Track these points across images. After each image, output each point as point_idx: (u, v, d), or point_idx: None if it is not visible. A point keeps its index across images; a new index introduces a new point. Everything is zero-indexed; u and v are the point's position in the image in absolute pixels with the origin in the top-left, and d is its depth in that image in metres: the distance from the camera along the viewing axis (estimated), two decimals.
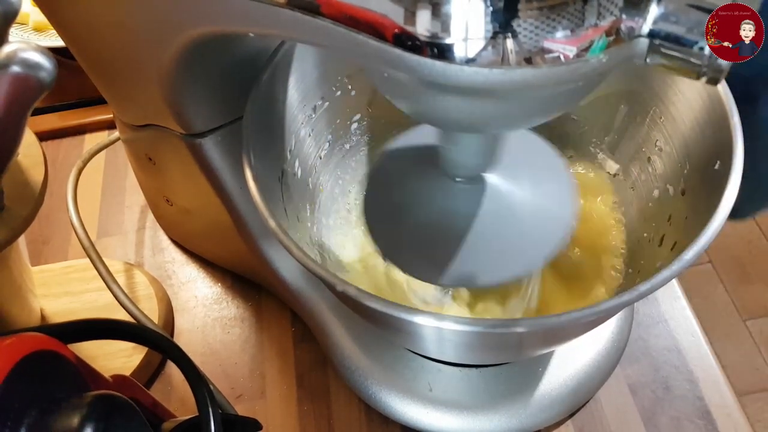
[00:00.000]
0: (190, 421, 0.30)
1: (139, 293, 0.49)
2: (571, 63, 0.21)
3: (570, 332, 0.34)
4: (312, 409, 0.45)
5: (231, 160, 0.40)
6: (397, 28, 0.21)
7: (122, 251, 0.54)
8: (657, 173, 0.40)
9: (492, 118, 0.28)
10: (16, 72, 0.28)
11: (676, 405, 0.43)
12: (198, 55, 0.32)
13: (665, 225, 0.38)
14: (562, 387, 0.41)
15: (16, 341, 0.23)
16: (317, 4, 0.22)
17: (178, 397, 0.46)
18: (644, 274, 0.37)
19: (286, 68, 0.38)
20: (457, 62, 0.21)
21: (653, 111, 0.39)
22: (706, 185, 0.33)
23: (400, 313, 0.27)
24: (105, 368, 0.29)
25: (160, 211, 0.53)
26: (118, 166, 0.60)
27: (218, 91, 0.37)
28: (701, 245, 0.28)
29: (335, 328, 0.44)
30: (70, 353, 0.26)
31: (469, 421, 0.41)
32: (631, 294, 0.27)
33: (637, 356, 0.45)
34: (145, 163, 0.46)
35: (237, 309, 0.50)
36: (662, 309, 0.47)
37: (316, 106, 0.42)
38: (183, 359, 0.29)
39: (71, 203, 0.47)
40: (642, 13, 0.22)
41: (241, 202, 0.42)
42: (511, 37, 0.20)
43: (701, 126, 0.35)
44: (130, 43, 0.33)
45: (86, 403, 0.24)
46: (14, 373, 0.22)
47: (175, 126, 0.38)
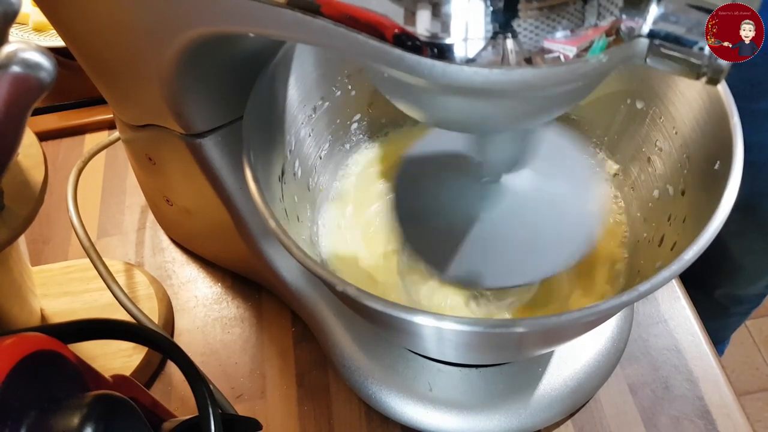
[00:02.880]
0: (190, 420, 0.30)
1: (139, 293, 0.49)
2: (571, 63, 0.21)
3: (570, 332, 0.34)
4: (312, 409, 0.45)
5: (231, 160, 0.40)
6: (397, 28, 0.21)
7: (122, 251, 0.54)
8: (657, 173, 0.40)
9: (492, 119, 0.28)
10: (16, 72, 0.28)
11: (676, 405, 0.43)
12: (198, 55, 0.32)
13: (665, 225, 0.38)
14: (562, 387, 0.41)
15: (16, 341, 0.23)
16: (317, 4, 0.22)
17: (178, 396, 0.46)
18: (644, 274, 0.37)
19: (286, 68, 0.38)
20: (457, 62, 0.21)
21: (653, 111, 0.39)
22: (706, 185, 0.33)
23: (400, 313, 0.27)
24: (105, 368, 0.29)
25: (160, 211, 0.53)
26: (118, 166, 0.60)
27: (218, 91, 0.37)
28: (701, 245, 0.28)
29: (335, 328, 0.44)
30: (70, 353, 0.26)
31: (469, 421, 0.41)
32: (630, 294, 0.27)
33: (637, 356, 0.45)
34: (145, 163, 0.46)
35: (237, 309, 0.50)
36: (662, 309, 0.47)
37: (316, 106, 0.42)
38: (183, 359, 0.29)
39: (71, 203, 0.47)
40: (642, 13, 0.22)
41: (241, 202, 0.42)
42: (511, 37, 0.20)
43: (701, 126, 0.35)
44: (130, 43, 0.33)
45: (86, 403, 0.24)
46: (14, 373, 0.22)
47: (175, 126, 0.38)
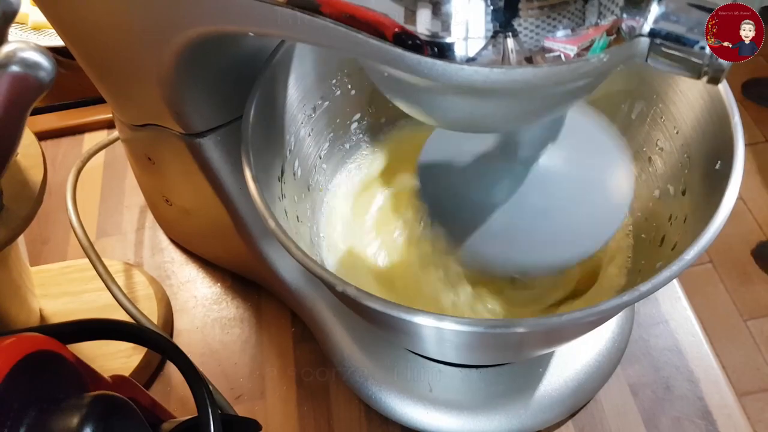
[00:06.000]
0: (189, 421, 0.30)
1: (139, 293, 0.49)
2: (571, 62, 0.21)
3: (570, 332, 0.34)
4: (312, 410, 0.44)
5: (231, 160, 0.40)
6: (398, 28, 0.21)
7: (121, 251, 0.54)
8: (657, 173, 0.40)
9: (492, 118, 0.28)
10: (15, 71, 0.28)
11: (676, 405, 0.43)
12: (198, 55, 0.32)
13: (666, 225, 0.37)
14: (563, 387, 0.41)
15: (15, 341, 0.23)
16: (317, 4, 0.22)
17: (177, 397, 0.46)
18: (645, 274, 0.37)
19: (286, 68, 0.38)
20: (458, 61, 0.21)
21: (654, 111, 0.39)
22: (707, 185, 0.33)
23: (400, 314, 0.27)
24: (104, 368, 0.29)
25: (160, 211, 0.53)
26: (118, 166, 0.60)
27: (218, 90, 0.37)
28: (702, 245, 0.28)
29: (335, 328, 0.44)
30: (70, 353, 0.26)
31: (469, 422, 0.41)
32: (631, 294, 0.27)
33: (637, 356, 0.45)
34: (144, 162, 0.46)
35: (236, 309, 0.50)
36: (663, 309, 0.47)
37: (316, 106, 0.42)
38: (182, 360, 0.29)
39: (70, 203, 0.47)
40: (643, 12, 0.21)
41: (240, 202, 0.41)
42: (512, 36, 0.20)
43: (702, 126, 0.35)
44: (130, 43, 0.33)
45: (85, 404, 0.24)
46: (13, 374, 0.22)
47: (174, 126, 0.38)
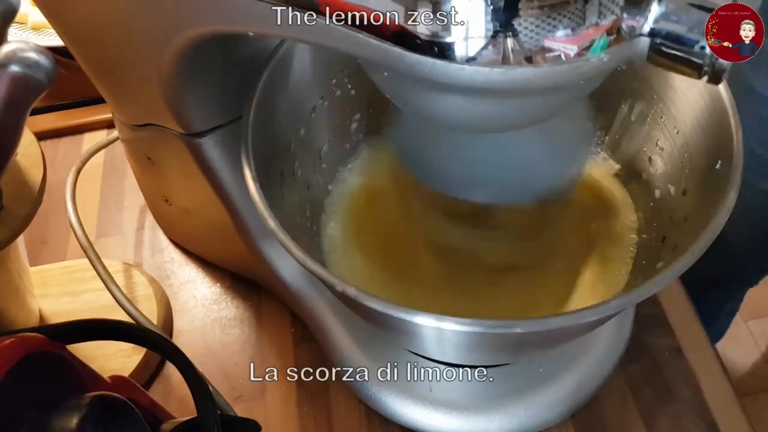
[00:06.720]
0: (189, 422, 0.30)
1: (138, 293, 0.49)
2: (571, 62, 0.21)
3: (570, 333, 0.34)
4: (311, 410, 0.44)
5: (230, 160, 0.40)
6: (398, 28, 0.21)
7: (121, 251, 0.54)
8: (658, 173, 0.40)
9: (492, 118, 0.28)
10: (15, 71, 0.28)
11: (676, 405, 0.43)
12: (198, 55, 0.32)
13: (666, 225, 0.37)
14: (563, 387, 0.41)
15: (14, 342, 0.23)
16: (317, 4, 0.22)
17: (177, 398, 0.46)
18: (645, 274, 0.37)
19: (286, 68, 0.38)
20: (458, 61, 0.21)
21: (654, 111, 0.39)
22: (708, 185, 0.33)
23: (400, 313, 0.27)
24: (104, 369, 0.29)
25: (160, 211, 0.53)
26: (117, 165, 0.60)
27: (218, 91, 0.37)
28: (702, 245, 0.28)
29: (335, 328, 0.44)
30: (69, 354, 0.26)
31: (469, 422, 0.41)
32: (631, 294, 0.27)
33: (637, 356, 0.45)
34: (144, 162, 0.46)
35: (236, 309, 0.50)
36: (663, 309, 0.47)
37: (316, 106, 0.42)
38: (182, 360, 0.29)
39: (70, 203, 0.47)
40: (643, 12, 0.21)
41: (240, 202, 0.41)
42: (512, 36, 0.20)
43: (702, 126, 0.35)
44: (130, 43, 0.33)
45: (85, 404, 0.24)
46: (13, 374, 0.22)
47: (174, 126, 0.38)
